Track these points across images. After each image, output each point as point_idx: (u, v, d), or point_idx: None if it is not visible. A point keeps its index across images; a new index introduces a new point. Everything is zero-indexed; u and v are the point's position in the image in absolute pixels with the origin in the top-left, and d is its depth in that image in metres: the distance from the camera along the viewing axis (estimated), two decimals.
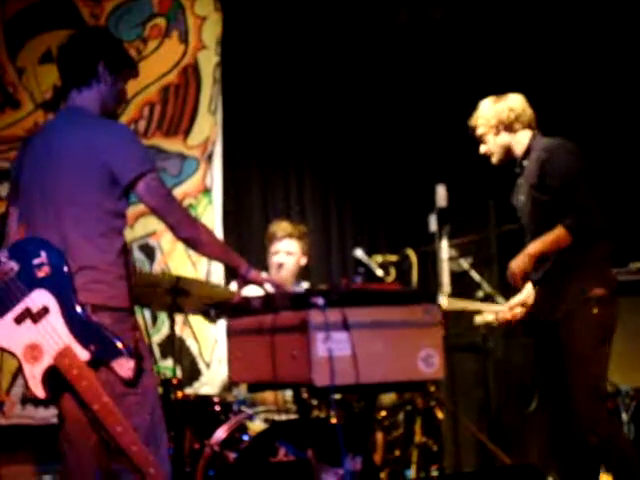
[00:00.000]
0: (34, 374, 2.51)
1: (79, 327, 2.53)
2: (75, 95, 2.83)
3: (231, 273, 3.02)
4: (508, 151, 3.80)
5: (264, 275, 3.02)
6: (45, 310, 2.53)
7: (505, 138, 3.78)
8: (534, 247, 3.52)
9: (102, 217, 2.70)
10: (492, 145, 3.81)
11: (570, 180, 3.55)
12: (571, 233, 3.49)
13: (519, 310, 3.87)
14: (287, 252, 4.44)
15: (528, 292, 3.89)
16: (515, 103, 3.81)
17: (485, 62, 5.76)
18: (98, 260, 2.66)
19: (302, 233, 4.52)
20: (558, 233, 3.50)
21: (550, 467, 4.59)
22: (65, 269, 2.56)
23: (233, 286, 3.91)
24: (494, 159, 3.85)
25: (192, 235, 2.80)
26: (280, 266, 4.43)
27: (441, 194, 4.24)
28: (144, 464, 2.46)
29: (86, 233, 2.67)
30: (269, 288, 2.94)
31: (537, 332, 3.75)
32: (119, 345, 2.51)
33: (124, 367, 2.51)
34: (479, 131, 3.82)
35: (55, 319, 2.53)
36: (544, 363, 3.73)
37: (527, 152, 3.75)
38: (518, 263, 3.51)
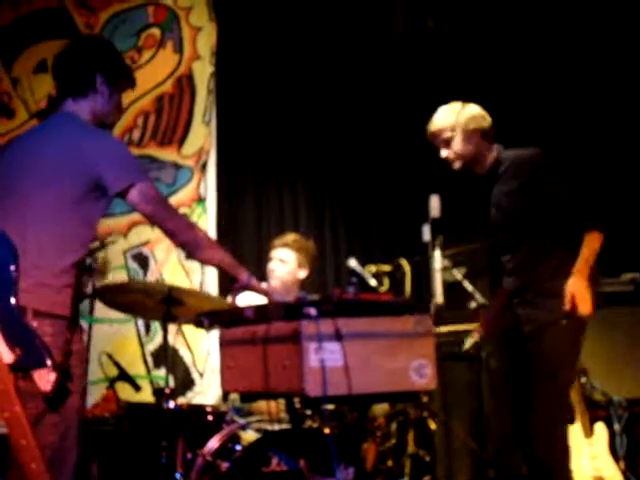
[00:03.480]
0: None
1: (10, 327, 2.38)
2: (70, 103, 2.81)
3: (229, 282, 3.01)
4: (475, 158, 3.78)
5: (264, 285, 3.02)
6: None
7: (476, 145, 3.76)
8: (583, 266, 3.41)
9: (70, 221, 2.65)
10: (460, 150, 3.78)
11: (572, 183, 3.55)
12: (602, 232, 3.45)
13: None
14: (280, 260, 4.43)
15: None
16: (483, 112, 3.79)
17: (479, 73, 5.78)
18: (51, 265, 2.61)
19: (302, 246, 4.48)
20: (594, 238, 3.45)
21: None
22: (11, 267, 2.42)
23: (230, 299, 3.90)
24: (458, 165, 3.83)
25: (191, 240, 2.79)
26: (271, 272, 4.43)
27: (434, 204, 4.25)
28: None
29: (48, 234, 2.62)
30: (270, 296, 2.94)
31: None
32: (46, 356, 2.37)
33: (44, 379, 2.37)
34: (446, 135, 3.78)
35: None
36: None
37: (497, 161, 3.75)
38: (579, 289, 3.37)
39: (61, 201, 2.65)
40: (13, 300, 2.39)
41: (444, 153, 3.83)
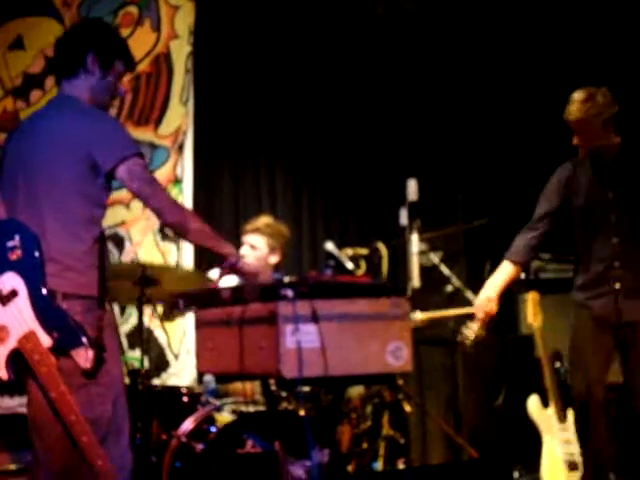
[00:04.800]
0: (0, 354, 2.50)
1: (45, 313, 2.51)
2: (66, 85, 2.83)
3: (208, 264, 3.00)
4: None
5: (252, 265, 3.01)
6: (14, 293, 2.52)
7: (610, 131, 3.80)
8: None
9: (82, 204, 2.68)
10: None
11: None
12: None
13: (492, 305, 3.91)
14: (251, 245, 4.39)
15: (491, 288, 3.95)
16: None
17: (457, 56, 5.78)
18: (73, 248, 2.65)
19: (274, 230, 4.43)
20: None
21: (515, 460, 4.64)
22: (37, 254, 2.53)
23: (213, 273, 3.87)
24: (591, 151, 3.83)
25: (179, 219, 2.78)
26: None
27: (412, 188, 4.26)
28: (93, 456, 2.45)
29: (64, 220, 2.66)
30: (256, 277, 2.94)
31: None
32: (81, 335, 2.49)
33: (83, 357, 2.49)
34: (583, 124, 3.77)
35: (23, 303, 2.51)
36: None
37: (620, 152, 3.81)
38: None
39: (69, 184, 2.68)
40: (43, 287, 2.52)
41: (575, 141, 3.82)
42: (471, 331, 3.93)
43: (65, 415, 2.44)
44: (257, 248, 4.38)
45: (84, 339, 2.48)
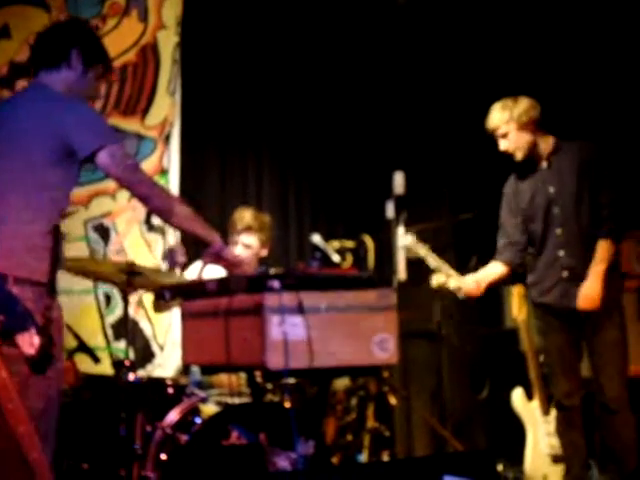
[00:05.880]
0: None
1: None
2: (44, 74, 2.83)
3: (196, 252, 2.98)
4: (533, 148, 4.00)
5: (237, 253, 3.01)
6: None
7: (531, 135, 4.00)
8: None
9: (43, 187, 2.66)
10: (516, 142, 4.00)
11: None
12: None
13: (482, 286, 4.05)
14: (245, 245, 4.41)
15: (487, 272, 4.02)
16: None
17: (445, 50, 5.78)
18: (29, 230, 2.62)
19: (263, 224, 4.46)
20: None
21: (500, 453, 4.65)
22: None
23: (197, 265, 3.87)
24: (519, 155, 4.02)
25: (164, 205, 2.76)
26: None
27: (398, 181, 4.27)
28: (30, 447, 2.37)
29: (27, 202, 2.63)
30: (241, 267, 2.93)
31: None
32: (27, 320, 2.44)
33: (27, 342, 2.43)
34: (502, 130, 3.99)
35: None
36: None
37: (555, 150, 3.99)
38: None
39: (33, 168, 2.66)
40: None
41: (502, 146, 4.05)
42: (445, 283, 4.05)
43: (3, 402, 2.35)
44: (251, 247, 4.41)
45: (31, 325, 2.43)
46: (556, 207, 3.96)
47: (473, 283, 4.08)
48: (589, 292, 3.80)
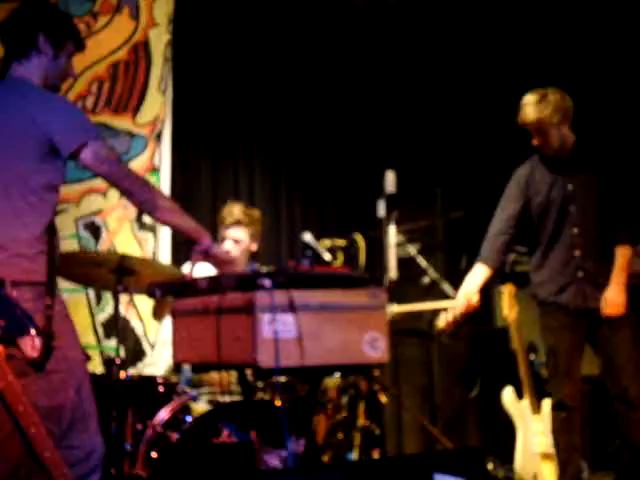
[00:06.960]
0: None
1: None
2: (16, 67, 2.76)
3: (186, 250, 2.97)
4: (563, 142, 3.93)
5: (224, 250, 3.01)
6: None
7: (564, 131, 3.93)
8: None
9: (33, 189, 2.64)
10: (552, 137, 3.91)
11: None
12: None
13: (475, 299, 3.98)
14: (234, 240, 4.40)
15: (473, 281, 4.00)
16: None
17: (436, 50, 5.79)
18: (23, 233, 2.60)
19: (252, 219, 4.44)
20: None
21: (490, 451, 4.67)
22: None
23: (186, 267, 3.86)
24: (552, 151, 3.95)
25: (149, 199, 2.73)
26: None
27: (390, 180, 4.26)
28: (41, 448, 2.37)
29: (14, 205, 2.61)
30: (229, 264, 2.93)
31: None
32: (28, 323, 2.43)
33: (29, 346, 2.43)
34: (540, 124, 3.88)
35: None
36: None
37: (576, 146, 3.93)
38: None
39: (20, 169, 2.63)
40: None
41: (535, 141, 3.96)
42: (443, 322, 4.01)
43: (13, 406, 2.35)
44: (240, 241, 4.40)
45: (31, 327, 2.43)
46: (573, 205, 3.90)
47: (464, 300, 4.03)
48: (615, 298, 3.78)
